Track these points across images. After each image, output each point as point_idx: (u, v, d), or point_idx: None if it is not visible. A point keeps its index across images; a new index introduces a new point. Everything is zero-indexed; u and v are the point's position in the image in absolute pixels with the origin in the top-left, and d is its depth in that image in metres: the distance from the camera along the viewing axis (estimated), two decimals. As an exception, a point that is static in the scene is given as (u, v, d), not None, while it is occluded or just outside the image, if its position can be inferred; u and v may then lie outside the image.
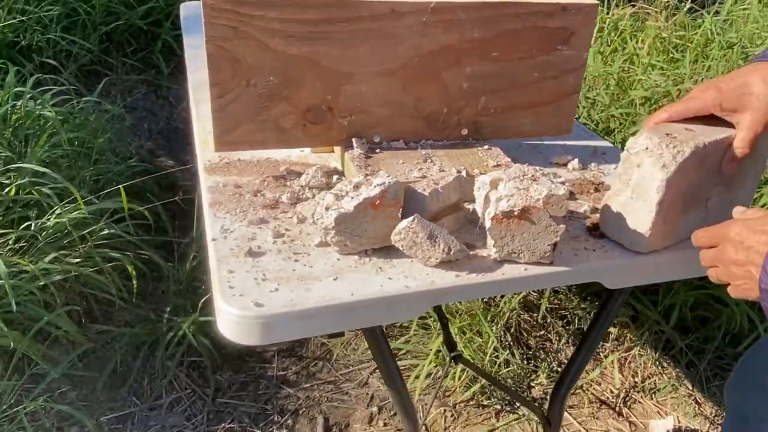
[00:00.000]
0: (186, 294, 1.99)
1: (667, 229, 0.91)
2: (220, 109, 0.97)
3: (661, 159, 0.85)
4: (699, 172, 0.89)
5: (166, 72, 2.94)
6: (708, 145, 0.87)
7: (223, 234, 0.90)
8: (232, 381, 1.87)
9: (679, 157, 0.85)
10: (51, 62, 2.61)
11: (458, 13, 1.00)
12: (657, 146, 0.86)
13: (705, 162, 0.89)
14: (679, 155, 0.85)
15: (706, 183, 0.92)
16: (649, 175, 0.87)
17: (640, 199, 0.88)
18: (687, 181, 0.88)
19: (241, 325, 0.77)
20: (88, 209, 1.88)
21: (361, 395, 1.85)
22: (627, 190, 0.90)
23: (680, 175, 0.86)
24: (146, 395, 1.80)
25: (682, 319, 1.99)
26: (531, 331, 2.04)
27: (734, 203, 0.88)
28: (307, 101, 1.01)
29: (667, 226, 0.91)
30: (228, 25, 0.92)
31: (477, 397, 1.83)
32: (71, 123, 2.22)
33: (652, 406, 1.88)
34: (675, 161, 0.84)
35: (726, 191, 0.96)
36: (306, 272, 0.83)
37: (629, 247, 0.92)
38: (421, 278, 0.83)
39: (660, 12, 2.92)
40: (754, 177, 0.99)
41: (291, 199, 0.98)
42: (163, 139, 2.78)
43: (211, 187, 1.01)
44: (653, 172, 0.86)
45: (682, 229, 0.94)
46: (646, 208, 0.88)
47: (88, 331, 1.92)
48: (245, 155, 1.11)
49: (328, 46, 0.97)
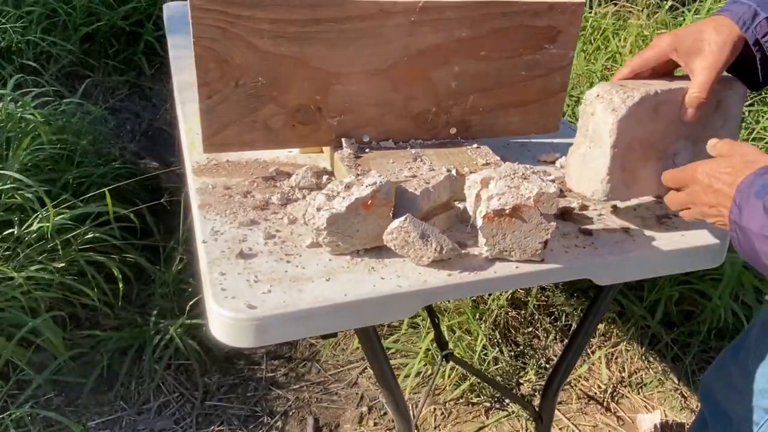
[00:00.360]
0: (173, 297, 1.97)
1: (628, 177, 0.93)
2: (208, 110, 0.97)
3: (611, 104, 0.88)
4: (656, 122, 0.92)
5: (148, 73, 2.91)
6: (660, 92, 0.90)
7: (214, 236, 0.89)
8: (221, 383, 1.86)
9: (629, 101, 0.88)
10: (31, 64, 2.58)
11: (446, 12, 1.00)
12: (607, 92, 0.90)
13: (660, 111, 0.91)
14: (629, 99, 0.88)
15: (667, 135, 0.94)
16: (601, 121, 0.90)
17: (596, 147, 0.91)
18: (643, 129, 0.91)
19: (234, 328, 0.76)
20: (72, 213, 1.86)
21: (350, 395, 1.85)
22: (586, 141, 0.93)
23: (633, 120, 0.89)
24: (134, 399, 1.79)
25: (668, 314, 2.02)
26: (519, 328, 2.05)
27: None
28: (296, 101, 1.01)
29: (628, 175, 0.93)
30: (216, 25, 0.91)
31: (467, 395, 1.84)
32: (53, 125, 2.19)
33: (639, 400, 1.90)
34: (625, 105, 0.88)
35: (695, 147, 0.97)
36: (298, 273, 0.83)
37: (591, 197, 0.94)
38: (413, 278, 0.83)
39: (642, 10, 2.95)
40: (727, 137, 0.99)
41: (281, 200, 0.98)
42: (147, 140, 2.75)
43: (200, 189, 1.01)
44: (605, 117, 0.89)
45: (649, 182, 0.95)
46: (602, 155, 0.91)
47: (74, 336, 1.89)
48: (233, 156, 1.10)
49: (316, 46, 0.97)
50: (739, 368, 1.05)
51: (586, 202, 1.04)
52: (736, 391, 1.04)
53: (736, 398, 1.05)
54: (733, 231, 0.77)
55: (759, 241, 0.73)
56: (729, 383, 1.08)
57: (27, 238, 1.78)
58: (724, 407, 1.09)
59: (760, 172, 0.75)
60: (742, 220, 0.75)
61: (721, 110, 0.97)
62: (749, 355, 1.01)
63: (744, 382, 1.03)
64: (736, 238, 0.77)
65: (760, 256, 0.74)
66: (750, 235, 0.74)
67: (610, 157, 0.90)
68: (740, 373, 1.04)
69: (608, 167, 0.90)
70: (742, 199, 0.75)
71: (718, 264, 0.99)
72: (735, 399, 1.05)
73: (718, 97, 0.95)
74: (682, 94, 0.92)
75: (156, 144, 2.72)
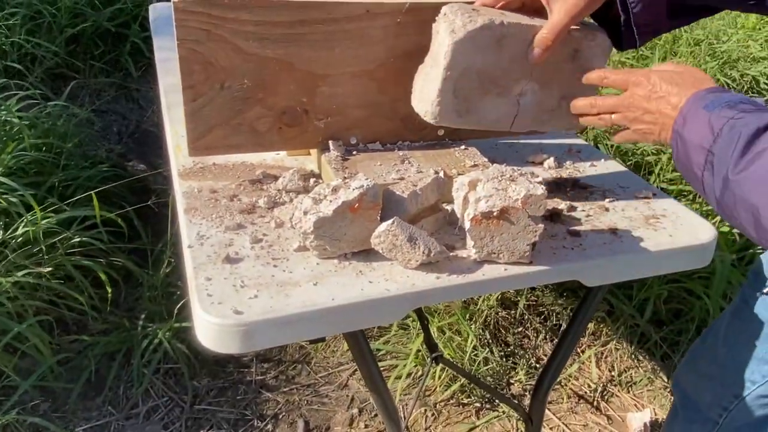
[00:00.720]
0: (161, 300, 1.96)
1: (460, 104, 0.92)
2: (193, 113, 0.96)
3: (452, 25, 0.87)
4: (499, 55, 0.90)
5: (135, 74, 2.89)
6: (507, 25, 0.88)
7: (200, 240, 0.88)
8: (210, 387, 1.85)
9: (470, 26, 0.86)
10: (16, 66, 2.55)
11: (432, 13, 0.99)
12: (453, 12, 0.88)
13: (505, 44, 0.89)
14: (470, 24, 0.86)
15: (511, 72, 0.93)
16: (441, 41, 0.89)
17: (435, 67, 0.91)
18: (483, 59, 0.89)
19: (220, 334, 0.75)
20: (59, 217, 1.84)
21: (341, 397, 1.84)
22: (429, 60, 0.93)
23: (472, 46, 0.87)
24: (122, 404, 1.77)
25: (656, 312, 2.02)
26: (509, 328, 2.05)
27: (558, 112, 0.92)
28: (282, 104, 1.00)
29: (461, 102, 0.92)
30: (200, 27, 0.90)
31: (457, 395, 1.83)
32: (38, 128, 2.17)
33: (629, 399, 1.90)
34: (465, 29, 0.86)
35: (544, 92, 0.96)
36: (285, 278, 0.82)
37: (423, 116, 0.94)
38: (401, 281, 0.83)
39: None
40: (582, 92, 0.96)
41: (268, 203, 0.97)
42: (134, 142, 2.73)
43: (186, 193, 1.00)
44: (444, 38, 0.88)
45: (485, 114, 0.95)
46: (437, 76, 0.90)
47: (62, 341, 1.88)
48: (220, 159, 1.09)
49: (302, 48, 0.96)
50: (707, 356, 1.06)
51: (574, 203, 1.04)
52: (705, 378, 1.05)
53: (704, 385, 1.06)
54: (674, 140, 0.78)
55: (695, 152, 0.74)
56: (697, 371, 1.09)
57: (12, 243, 1.76)
58: (693, 396, 1.10)
59: (711, 89, 0.77)
60: (684, 130, 0.76)
61: (580, 60, 0.95)
62: (718, 341, 1.02)
63: (712, 368, 1.04)
64: (675, 147, 0.79)
65: (693, 166, 0.75)
66: (689, 146, 0.75)
67: (442, 79, 0.89)
68: (709, 360, 1.05)
69: (439, 89, 0.90)
70: (690, 111, 0.76)
71: (705, 264, 0.99)
72: (703, 386, 1.06)
73: (575, 46, 0.94)
74: (533, 32, 0.90)
75: (143, 146, 2.70)
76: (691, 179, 0.78)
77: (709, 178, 0.74)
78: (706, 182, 0.74)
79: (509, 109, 0.96)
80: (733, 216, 0.72)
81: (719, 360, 1.03)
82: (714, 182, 0.73)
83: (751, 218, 0.68)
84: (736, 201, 0.70)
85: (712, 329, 1.09)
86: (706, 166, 0.73)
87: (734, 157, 0.69)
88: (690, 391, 1.13)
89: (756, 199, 0.67)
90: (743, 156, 0.69)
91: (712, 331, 1.08)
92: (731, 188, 0.70)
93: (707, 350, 1.08)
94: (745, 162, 0.68)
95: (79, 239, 1.87)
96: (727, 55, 2.53)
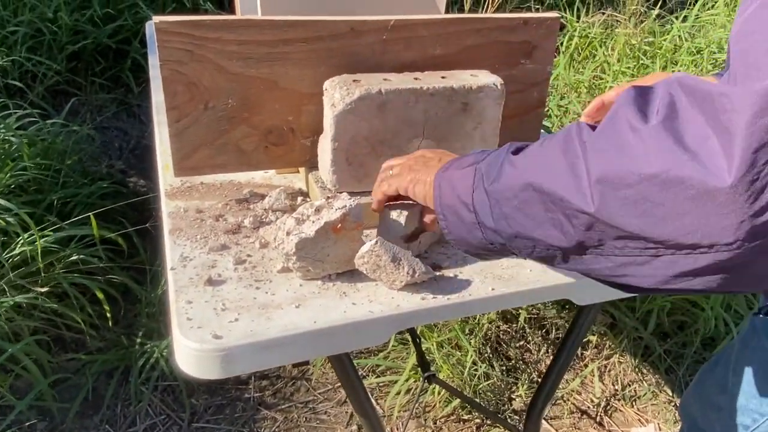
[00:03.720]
0: (159, 317, 1.95)
1: (357, 170, 0.95)
2: (177, 134, 0.95)
3: (331, 99, 0.91)
4: (383, 119, 0.93)
5: (136, 90, 2.90)
6: (385, 92, 0.91)
7: (182, 262, 0.87)
8: (208, 404, 1.83)
9: (348, 98, 0.89)
10: (16, 84, 2.56)
11: (419, 30, 0.98)
12: (332, 87, 0.92)
13: (388, 109, 0.92)
14: (348, 96, 0.89)
15: (401, 132, 0.95)
16: (325, 114, 0.94)
17: (325, 139, 0.95)
18: (369, 125, 0.92)
19: (199, 359, 0.74)
20: (57, 236, 1.84)
21: (340, 414, 1.82)
22: (324, 131, 0.96)
23: (353, 117, 0.90)
24: (120, 422, 1.76)
25: (660, 324, 2.00)
26: (510, 342, 2.02)
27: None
28: (267, 123, 0.99)
29: (357, 168, 0.95)
30: (182, 48, 0.90)
31: (457, 411, 1.81)
32: (38, 146, 2.17)
33: (632, 413, 1.87)
34: (343, 101, 0.89)
35: (443, 147, 0.97)
36: (267, 300, 0.81)
37: (325, 185, 0.98)
38: (386, 302, 0.81)
39: (629, 19, 2.95)
40: (483, 140, 1.00)
41: (253, 223, 0.96)
42: (135, 158, 2.74)
43: (171, 213, 0.99)
44: (326, 111, 0.93)
45: None
46: (328, 146, 0.93)
47: (59, 360, 1.87)
48: (207, 178, 1.09)
49: (287, 67, 0.95)
50: (716, 385, 1.03)
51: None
52: (714, 408, 1.02)
53: (714, 416, 1.03)
54: (436, 189, 0.74)
55: (460, 185, 0.70)
56: (706, 400, 1.06)
57: (10, 262, 1.76)
58: (702, 426, 1.07)
59: (473, 152, 0.75)
60: (444, 177, 0.73)
61: (472, 112, 0.97)
62: (728, 372, 0.99)
63: (722, 399, 1.01)
64: (437, 196, 0.74)
65: (461, 197, 0.69)
66: (452, 187, 0.71)
67: (331, 149, 0.93)
68: (718, 390, 1.02)
69: (331, 159, 0.94)
70: (452, 164, 0.74)
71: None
72: (713, 416, 1.03)
73: (462, 100, 0.95)
74: (415, 95, 0.92)
75: (144, 162, 2.71)
76: (456, 221, 0.71)
77: (480, 195, 0.68)
78: (477, 200, 0.68)
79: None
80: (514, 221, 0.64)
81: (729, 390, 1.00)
82: (487, 197, 0.67)
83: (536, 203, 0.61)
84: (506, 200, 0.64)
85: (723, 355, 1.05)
86: (475, 185, 0.68)
87: (497, 167, 0.66)
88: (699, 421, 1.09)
89: (533, 178, 0.61)
90: (503, 165, 0.65)
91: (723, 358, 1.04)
92: (499, 189, 0.64)
93: (717, 378, 1.05)
94: (509, 164, 0.65)
95: (78, 257, 1.87)
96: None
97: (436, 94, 0.93)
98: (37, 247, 1.77)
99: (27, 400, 1.67)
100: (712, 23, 2.99)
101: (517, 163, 0.64)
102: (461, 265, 0.90)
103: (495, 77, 0.98)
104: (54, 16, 2.74)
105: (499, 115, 0.99)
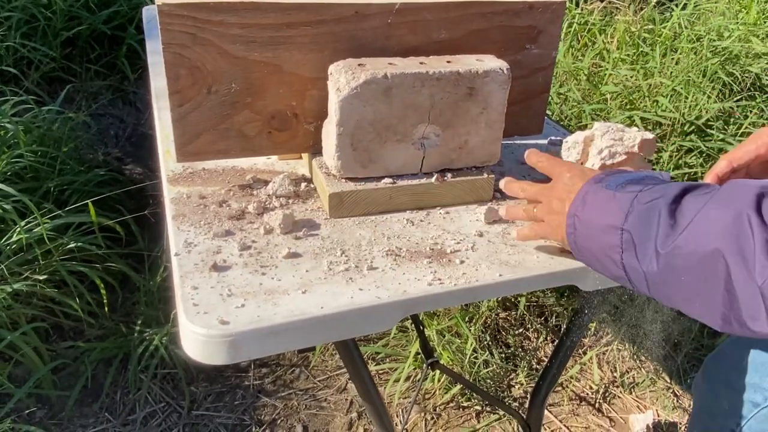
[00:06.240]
0: (158, 305, 1.94)
1: (361, 156, 0.94)
2: (180, 119, 0.94)
3: (337, 83, 0.90)
4: (389, 104, 0.92)
5: (132, 77, 2.87)
6: (391, 76, 0.90)
7: (187, 248, 0.86)
8: (208, 392, 1.83)
9: (353, 82, 0.88)
10: (11, 70, 2.53)
11: (423, 14, 0.97)
12: (337, 72, 0.91)
13: (393, 93, 0.91)
14: (353, 80, 0.88)
15: (406, 117, 0.94)
16: (330, 99, 0.93)
17: (330, 123, 0.94)
18: (374, 110, 0.91)
19: (206, 345, 0.73)
20: (54, 224, 1.83)
21: (339, 401, 1.82)
22: (329, 116, 0.96)
23: (359, 101, 0.90)
24: (119, 410, 1.76)
25: (659, 311, 2.00)
26: (510, 329, 2.03)
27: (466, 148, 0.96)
28: (271, 108, 0.98)
29: (362, 153, 0.94)
30: (185, 31, 0.88)
31: (457, 398, 1.82)
32: (33, 134, 2.15)
33: (631, 400, 1.88)
34: (348, 86, 0.88)
35: (447, 133, 0.97)
36: (274, 286, 0.80)
37: (329, 172, 0.97)
38: (393, 288, 0.81)
39: (628, 6, 2.94)
40: (488, 125, 0.99)
41: (257, 209, 0.95)
42: (131, 145, 2.72)
43: (174, 199, 0.98)
44: (332, 96, 0.92)
45: (390, 161, 0.96)
46: (332, 132, 0.93)
47: (57, 347, 1.86)
48: (210, 164, 1.08)
49: (291, 51, 0.94)
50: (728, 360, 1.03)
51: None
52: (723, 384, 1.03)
53: (723, 392, 1.04)
54: (570, 225, 0.75)
55: (604, 234, 0.70)
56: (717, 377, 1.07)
57: (7, 250, 1.75)
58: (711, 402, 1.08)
59: (606, 172, 0.76)
60: (585, 212, 0.73)
61: (478, 97, 0.96)
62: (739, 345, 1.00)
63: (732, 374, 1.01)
64: (571, 232, 0.75)
65: (604, 250, 0.69)
66: (593, 228, 0.71)
67: (336, 135, 0.92)
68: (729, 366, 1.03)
69: (336, 145, 0.93)
70: (588, 192, 0.74)
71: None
72: (722, 393, 1.04)
73: (468, 84, 0.94)
74: (420, 78, 0.91)
75: (140, 149, 2.69)
76: (600, 266, 0.71)
77: (631, 259, 0.66)
78: (628, 264, 0.66)
79: (415, 153, 0.97)
80: (674, 292, 0.63)
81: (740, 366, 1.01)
82: (642, 263, 0.65)
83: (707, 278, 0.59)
84: (679, 269, 0.61)
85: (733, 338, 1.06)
86: (624, 246, 0.67)
87: (662, 230, 0.63)
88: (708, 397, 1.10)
89: (717, 244, 0.59)
90: (673, 227, 0.62)
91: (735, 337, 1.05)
92: (668, 260, 0.62)
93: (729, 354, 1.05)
94: (679, 229, 0.62)
95: (75, 245, 1.85)
96: (729, 52, 2.50)
97: (442, 79, 0.92)
98: (36, 235, 1.75)
99: (26, 388, 1.66)
100: (712, 11, 2.98)
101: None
102: (468, 250, 0.90)
103: (501, 62, 0.97)
104: (48, 1, 2.71)
105: (504, 100, 0.98)
